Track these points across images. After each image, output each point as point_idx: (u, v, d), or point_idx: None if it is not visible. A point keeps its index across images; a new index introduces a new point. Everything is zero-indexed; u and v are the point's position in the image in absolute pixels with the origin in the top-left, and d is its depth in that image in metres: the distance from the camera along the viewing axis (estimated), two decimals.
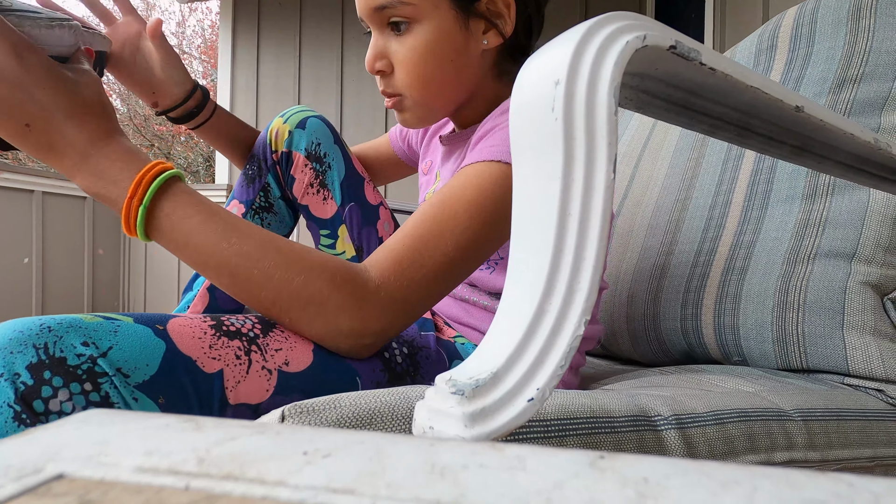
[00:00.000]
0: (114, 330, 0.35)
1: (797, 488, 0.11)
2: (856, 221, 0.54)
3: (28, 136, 0.38)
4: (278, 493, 0.11)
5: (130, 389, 0.34)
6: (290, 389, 0.40)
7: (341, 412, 0.30)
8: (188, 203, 0.39)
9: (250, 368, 0.39)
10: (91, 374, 0.33)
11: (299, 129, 0.70)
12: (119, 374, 0.34)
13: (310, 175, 0.71)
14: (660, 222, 0.76)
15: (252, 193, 0.73)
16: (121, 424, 0.15)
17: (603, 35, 0.21)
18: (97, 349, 0.34)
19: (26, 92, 0.37)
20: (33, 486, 0.11)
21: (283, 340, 0.42)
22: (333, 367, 0.42)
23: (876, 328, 0.52)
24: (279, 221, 0.74)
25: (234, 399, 0.38)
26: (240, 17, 3.00)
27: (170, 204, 0.39)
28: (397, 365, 0.47)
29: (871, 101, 0.57)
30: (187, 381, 0.36)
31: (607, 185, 0.20)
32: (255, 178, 0.73)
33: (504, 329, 0.21)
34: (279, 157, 0.72)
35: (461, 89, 0.57)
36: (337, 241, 0.73)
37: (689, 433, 0.36)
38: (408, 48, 0.53)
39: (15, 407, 0.31)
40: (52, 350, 0.33)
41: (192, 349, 0.37)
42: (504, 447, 0.13)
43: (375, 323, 0.42)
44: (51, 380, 0.32)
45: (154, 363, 0.36)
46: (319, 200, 0.73)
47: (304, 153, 0.71)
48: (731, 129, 0.32)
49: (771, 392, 0.45)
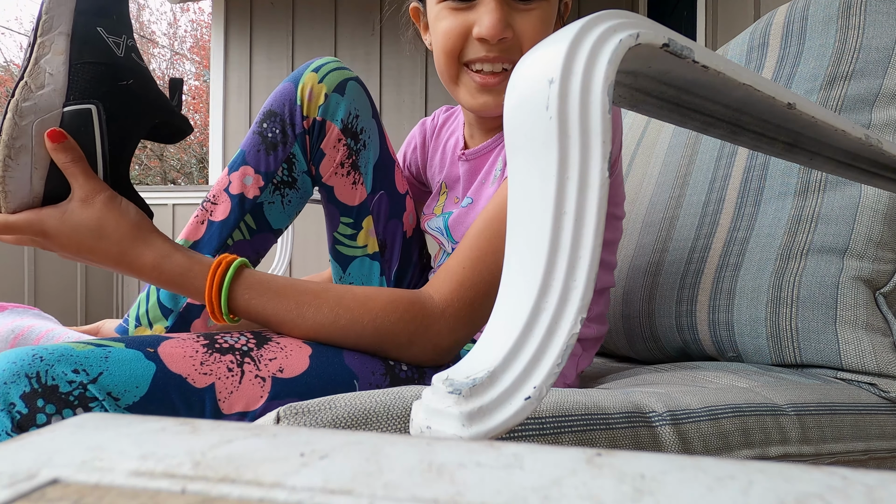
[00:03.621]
0: (104, 356, 0.37)
1: (792, 482, 0.11)
2: (847, 217, 0.55)
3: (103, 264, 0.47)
4: (275, 494, 0.11)
5: (121, 412, 0.36)
6: (286, 394, 0.41)
7: (337, 413, 0.29)
8: (257, 289, 0.45)
9: (243, 378, 0.40)
10: (82, 400, 0.35)
11: (337, 93, 0.60)
12: (109, 397, 0.36)
13: (343, 153, 0.62)
14: (654, 220, 0.77)
15: (274, 164, 0.61)
16: (115, 429, 0.15)
17: (596, 33, 0.21)
18: (87, 376, 0.36)
19: (95, 237, 0.46)
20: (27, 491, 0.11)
21: (277, 350, 0.43)
22: (329, 371, 0.43)
23: (868, 323, 0.52)
24: (300, 199, 0.65)
25: (228, 409, 0.39)
26: (232, 17, 2.99)
27: (242, 292, 0.45)
28: (402, 371, 0.47)
29: (862, 98, 0.57)
30: (177, 397, 0.38)
31: (602, 182, 0.20)
32: (277, 144, 0.61)
33: (500, 327, 0.22)
34: (310, 124, 0.61)
35: None
36: (360, 233, 0.66)
37: (684, 429, 0.37)
38: (534, 22, 0.54)
39: (12, 435, 0.33)
40: (45, 379, 0.35)
41: (182, 367, 0.39)
42: (501, 445, 0.13)
43: (446, 340, 0.47)
44: (44, 407, 0.34)
45: (144, 385, 0.37)
46: (349, 184, 0.64)
47: (341, 126, 0.62)
48: (723, 127, 0.32)
49: (764, 387, 0.45)
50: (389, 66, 2.87)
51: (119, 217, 0.47)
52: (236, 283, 0.45)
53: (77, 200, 0.46)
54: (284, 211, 0.63)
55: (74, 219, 0.45)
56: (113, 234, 0.46)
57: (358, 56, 2.89)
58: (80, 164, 0.45)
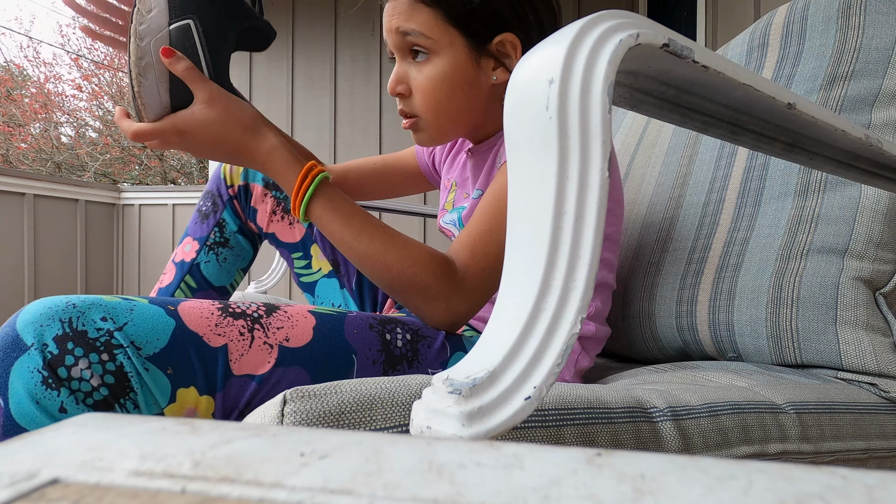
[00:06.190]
0: (130, 308, 0.40)
1: (792, 482, 0.11)
2: (847, 217, 0.55)
3: (227, 156, 0.56)
4: (275, 495, 0.11)
5: (142, 360, 0.39)
6: (290, 362, 0.44)
7: (342, 397, 0.30)
8: (330, 210, 0.53)
9: (253, 343, 0.43)
10: (108, 346, 0.38)
11: None
12: (132, 346, 0.39)
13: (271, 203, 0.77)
14: (654, 220, 0.77)
15: (206, 230, 0.77)
16: (116, 429, 0.15)
17: (596, 33, 0.21)
18: (114, 324, 0.39)
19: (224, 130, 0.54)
20: (27, 491, 0.11)
21: (285, 320, 0.46)
22: (331, 345, 0.46)
23: (868, 323, 0.52)
24: (236, 255, 0.78)
25: (238, 370, 0.42)
26: None
27: (319, 206, 0.53)
28: (396, 348, 0.50)
29: (862, 98, 0.57)
30: (194, 353, 0.41)
31: (602, 182, 0.20)
32: (209, 214, 0.77)
33: (501, 327, 0.22)
34: (236, 190, 0.77)
35: (471, 116, 0.63)
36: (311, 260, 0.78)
37: (684, 424, 0.37)
38: (425, 76, 0.59)
39: (43, 373, 0.36)
40: (76, 324, 0.38)
41: (199, 326, 0.42)
42: (501, 445, 0.13)
43: (461, 306, 0.52)
44: (73, 350, 0.37)
45: (164, 338, 0.40)
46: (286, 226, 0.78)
47: (262, 183, 0.77)
48: (723, 127, 0.32)
49: (763, 386, 0.45)
50: (389, 67, 2.87)
51: (239, 112, 0.55)
52: (317, 194, 0.53)
53: (201, 103, 0.54)
54: (221, 268, 0.77)
55: (203, 116, 0.54)
56: (236, 125, 0.54)
57: (358, 56, 2.89)
58: (193, 71, 0.53)
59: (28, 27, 12.64)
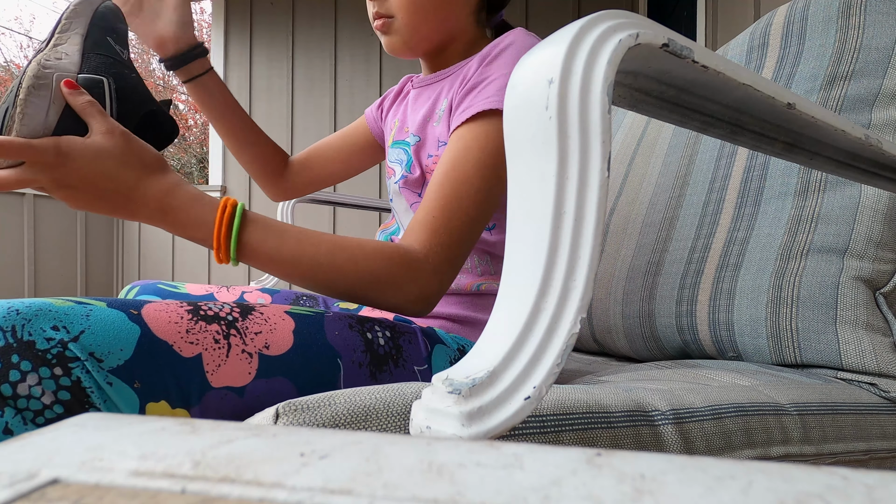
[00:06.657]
0: (86, 314, 0.35)
1: (792, 482, 0.11)
2: (847, 217, 0.55)
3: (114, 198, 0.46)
4: (275, 495, 0.11)
5: (104, 374, 0.34)
6: (273, 372, 0.40)
7: (336, 409, 0.29)
8: (262, 230, 0.47)
9: (230, 352, 0.39)
10: (61, 359, 0.33)
11: None
12: (92, 358, 0.34)
13: None
14: (654, 220, 0.77)
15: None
16: (116, 429, 0.15)
17: (596, 33, 0.21)
18: (68, 333, 0.34)
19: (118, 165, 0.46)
20: (27, 491, 0.11)
21: (262, 323, 0.42)
22: (313, 350, 0.43)
23: (868, 323, 0.52)
24: None
25: (217, 382, 0.38)
26: (232, 17, 2.99)
27: (250, 231, 0.46)
28: (379, 347, 0.47)
29: (862, 98, 0.57)
30: (164, 364, 0.36)
31: (601, 183, 0.20)
32: None
33: (500, 327, 0.22)
34: None
35: (446, 21, 0.62)
36: None
37: (687, 428, 0.37)
38: None
39: None
40: (21, 333, 0.33)
41: (167, 334, 0.37)
42: (501, 445, 0.13)
43: (431, 285, 0.49)
44: (19, 364, 0.32)
45: (128, 348, 0.35)
46: None
47: None
48: (723, 127, 0.32)
49: (767, 386, 0.45)
50: (389, 67, 2.87)
51: (141, 150, 0.48)
52: (245, 218, 0.46)
53: (99, 133, 0.46)
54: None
55: (98, 146, 0.45)
56: (135, 161, 0.47)
57: (358, 56, 2.89)
58: (95, 106, 0.47)
59: (28, 27, 12.65)
